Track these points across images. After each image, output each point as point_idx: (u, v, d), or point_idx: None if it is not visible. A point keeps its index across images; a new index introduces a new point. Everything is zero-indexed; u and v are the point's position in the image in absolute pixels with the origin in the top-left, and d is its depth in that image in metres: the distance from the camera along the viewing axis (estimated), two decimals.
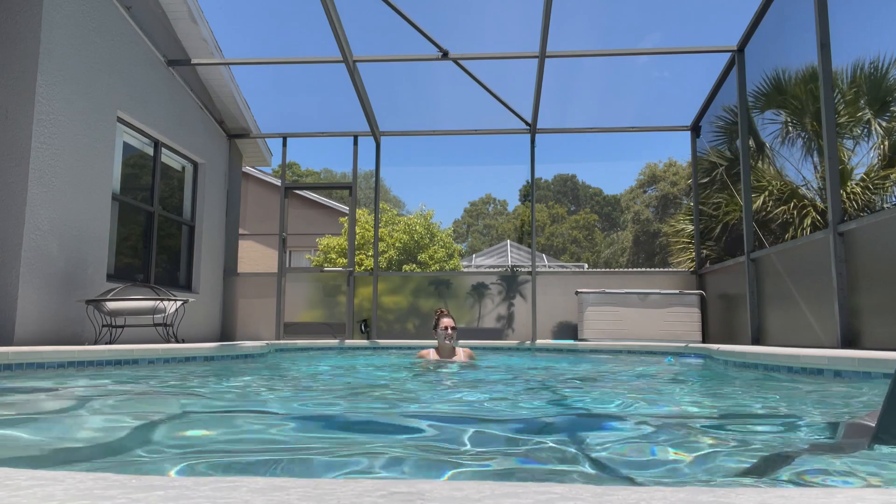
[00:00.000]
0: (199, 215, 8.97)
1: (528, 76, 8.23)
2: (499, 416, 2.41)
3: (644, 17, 9.60)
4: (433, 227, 18.53)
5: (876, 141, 7.38)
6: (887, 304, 4.42)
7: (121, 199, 7.26)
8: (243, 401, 2.97)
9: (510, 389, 3.47)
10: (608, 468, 1.46)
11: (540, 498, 0.67)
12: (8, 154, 5.70)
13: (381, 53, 8.29)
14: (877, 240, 4.64)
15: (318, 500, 0.66)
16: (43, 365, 4.20)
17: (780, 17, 6.53)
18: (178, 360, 5.08)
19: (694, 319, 7.86)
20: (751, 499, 0.66)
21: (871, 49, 6.89)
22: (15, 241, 5.60)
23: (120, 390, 3.34)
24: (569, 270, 14.90)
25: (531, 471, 1.44)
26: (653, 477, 1.36)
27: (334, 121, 10.78)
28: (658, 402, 2.94)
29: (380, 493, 0.69)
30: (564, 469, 1.46)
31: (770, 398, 3.04)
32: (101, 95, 6.70)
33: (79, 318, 6.23)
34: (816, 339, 5.37)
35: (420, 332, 9.03)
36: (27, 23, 5.83)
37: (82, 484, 0.73)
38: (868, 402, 2.65)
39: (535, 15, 6.99)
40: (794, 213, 7.67)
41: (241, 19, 11.89)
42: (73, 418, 2.36)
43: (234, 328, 9.35)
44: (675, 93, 12.62)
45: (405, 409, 2.61)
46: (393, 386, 3.67)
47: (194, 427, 2.18)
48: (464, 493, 0.69)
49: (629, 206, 39.71)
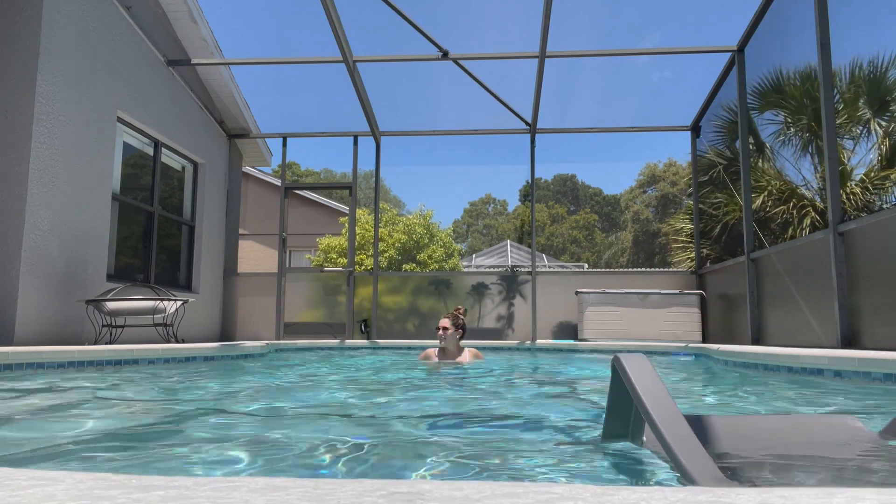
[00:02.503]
0: (199, 215, 8.97)
1: (528, 76, 8.24)
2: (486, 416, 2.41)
3: (644, 17, 9.59)
4: (433, 227, 18.53)
5: (875, 141, 7.38)
6: (887, 304, 4.42)
7: (121, 199, 7.26)
8: (242, 401, 2.97)
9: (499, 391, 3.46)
10: (607, 468, 1.46)
11: (540, 498, 0.67)
12: (8, 154, 5.70)
13: (381, 53, 8.29)
14: (876, 240, 4.64)
15: (318, 500, 0.66)
16: (43, 365, 4.20)
17: (780, 17, 6.53)
18: (178, 360, 5.08)
19: (694, 319, 7.86)
20: (751, 499, 0.66)
21: (870, 48, 6.88)
22: (15, 241, 5.60)
23: (120, 390, 3.34)
24: (569, 270, 14.90)
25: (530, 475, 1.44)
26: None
27: (334, 121, 10.78)
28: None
29: (380, 493, 0.69)
30: (564, 469, 1.46)
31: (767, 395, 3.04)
32: (101, 95, 6.70)
33: (79, 318, 6.23)
34: (816, 339, 5.37)
35: (420, 332, 9.03)
36: (27, 23, 5.83)
37: (82, 484, 0.73)
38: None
39: (535, 15, 6.99)
40: (794, 213, 7.66)
41: (241, 19, 11.88)
42: (73, 418, 2.36)
43: (234, 328, 9.35)
44: (675, 93, 12.62)
45: (394, 410, 2.61)
46: (388, 386, 3.67)
47: (194, 427, 2.18)
48: (464, 493, 0.69)
49: (629, 206, 39.71)
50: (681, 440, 1.20)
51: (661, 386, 1.31)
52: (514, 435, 1.99)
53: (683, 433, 1.21)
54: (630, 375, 1.34)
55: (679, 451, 1.17)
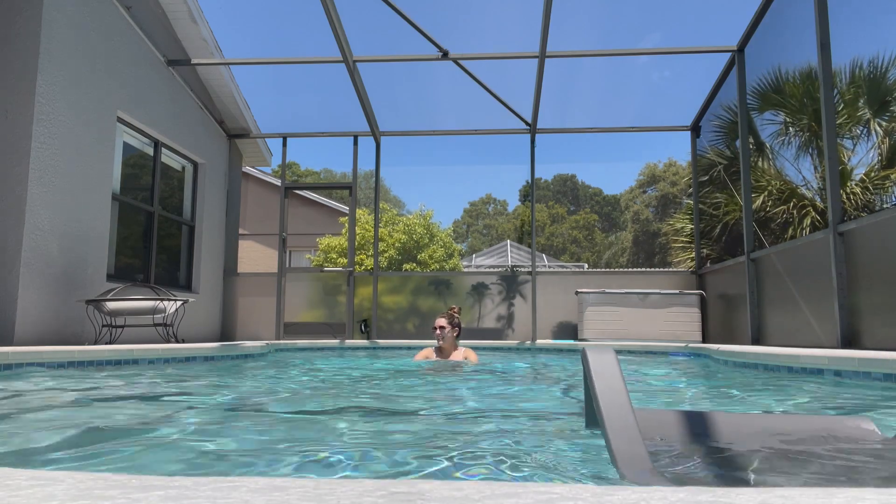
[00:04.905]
0: (199, 215, 8.97)
1: (528, 76, 8.24)
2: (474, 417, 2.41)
3: (644, 17, 9.60)
4: (433, 227, 18.53)
5: (875, 141, 7.38)
6: (887, 304, 4.42)
7: (121, 199, 7.26)
8: (242, 400, 2.97)
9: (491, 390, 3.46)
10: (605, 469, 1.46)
11: (540, 498, 0.67)
12: (8, 154, 5.70)
13: (381, 53, 8.29)
14: (876, 240, 4.63)
15: (318, 500, 0.66)
16: (43, 365, 4.20)
17: (780, 17, 6.53)
18: (178, 360, 5.08)
19: (694, 319, 7.86)
20: (751, 499, 0.66)
21: (870, 48, 6.88)
22: (15, 241, 5.60)
23: (120, 390, 3.34)
24: (569, 270, 14.90)
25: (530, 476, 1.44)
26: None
27: (334, 121, 10.78)
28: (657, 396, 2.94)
29: (380, 493, 0.69)
30: (564, 469, 1.46)
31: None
32: (101, 95, 6.70)
33: (79, 318, 6.23)
34: (816, 339, 5.37)
35: (420, 332, 9.03)
36: (27, 23, 5.83)
37: (82, 484, 0.73)
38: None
39: (535, 15, 6.99)
40: (794, 213, 7.67)
41: (241, 19, 11.89)
42: (73, 418, 2.36)
43: (234, 328, 9.35)
44: (675, 93, 12.62)
45: (388, 408, 2.61)
46: (384, 387, 3.67)
47: (194, 427, 2.18)
48: (464, 493, 0.69)
49: (629, 206, 39.72)
50: (619, 430, 1.21)
51: (617, 377, 1.33)
52: (514, 434, 1.99)
53: (626, 424, 1.22)
54: (590, 366, 1.37)
55: (613, 439, 1.18)
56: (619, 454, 1.17)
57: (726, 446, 1.46)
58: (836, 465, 1.35)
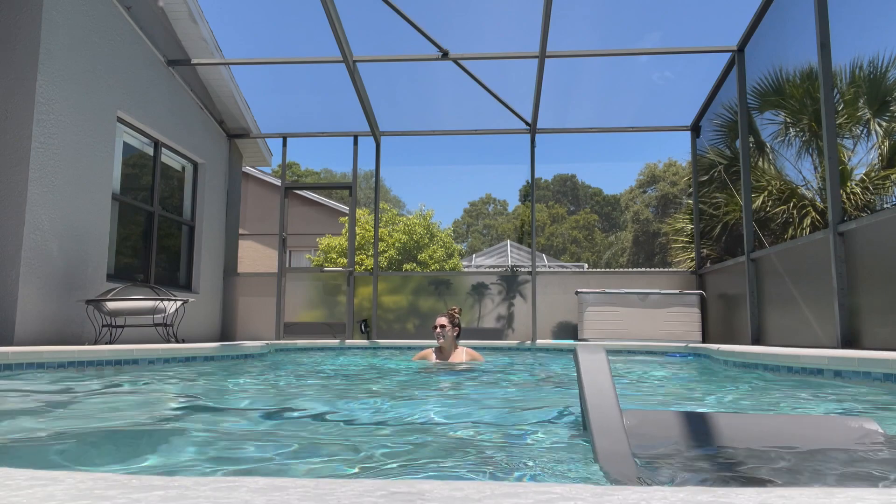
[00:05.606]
0: (199, 215, 8.97)
1: (528, 76, 8.24)
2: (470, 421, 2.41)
3: (644, 17, 9.59)
4: (433, 227, 18.53)
5: (875, 141, 7.38)
6: (887, 304, 4.42)
7: (121, 199, 7.26)
8: (241, 400, 2.97)
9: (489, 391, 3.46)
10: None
11: (540, 498, 0.67)
12: (8, 154, 5.70)
13: (381, 53, 8.29)
14: (876, 240, 4.64)
15: (318, 500, 0.66)
16: (43, 365, 4.20)
17: (780, 17, 6.53)
18: (178, 360, 5.08)
19: (694, 319, 7.86)
20: (751, 499, 0.66)
21: (870, 48, 6.88)
22: (15, 241, 5.60)
23: (120, 390, 3.34)
24: (569, 270, 14.90)
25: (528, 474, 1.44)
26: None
27: (334, 121, 10.78)
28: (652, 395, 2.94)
29: (380, 493, 0.69)
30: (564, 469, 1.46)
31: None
32: (101, 95, 6.70)
33: (79, 318, 6.23)
34: (816, 339, 5.37)
35: (420, 332, 9.03)
36: (27, 23, 5.83)
37: (82, 484, 0.73)
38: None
39: (535, 15, 6.99)
40: (794, 213, 7.66)
41: (241, 19, 11.88)
42: (73, 418, 2.36)
43: (234, 328, 9.35)
44: (674, 93, 12.63)
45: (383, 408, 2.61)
46: (387, 386, 3.67)
47: (194, 427, 2.18)
48: (464, 493, 0.69)
49: (629, 206, 39.72)
50: (604, 428, 1.21)
51: (606, 376, 1.33)
52: (514, 433, 1.99)
53: (611, 422, 1.22)
54: (580, 365, 1.38)
55: (597, 436, 1.19)
56: (602, 452, 1.17)
57: (727, 447, 1.46)
58: (838, 465, 1.35)
